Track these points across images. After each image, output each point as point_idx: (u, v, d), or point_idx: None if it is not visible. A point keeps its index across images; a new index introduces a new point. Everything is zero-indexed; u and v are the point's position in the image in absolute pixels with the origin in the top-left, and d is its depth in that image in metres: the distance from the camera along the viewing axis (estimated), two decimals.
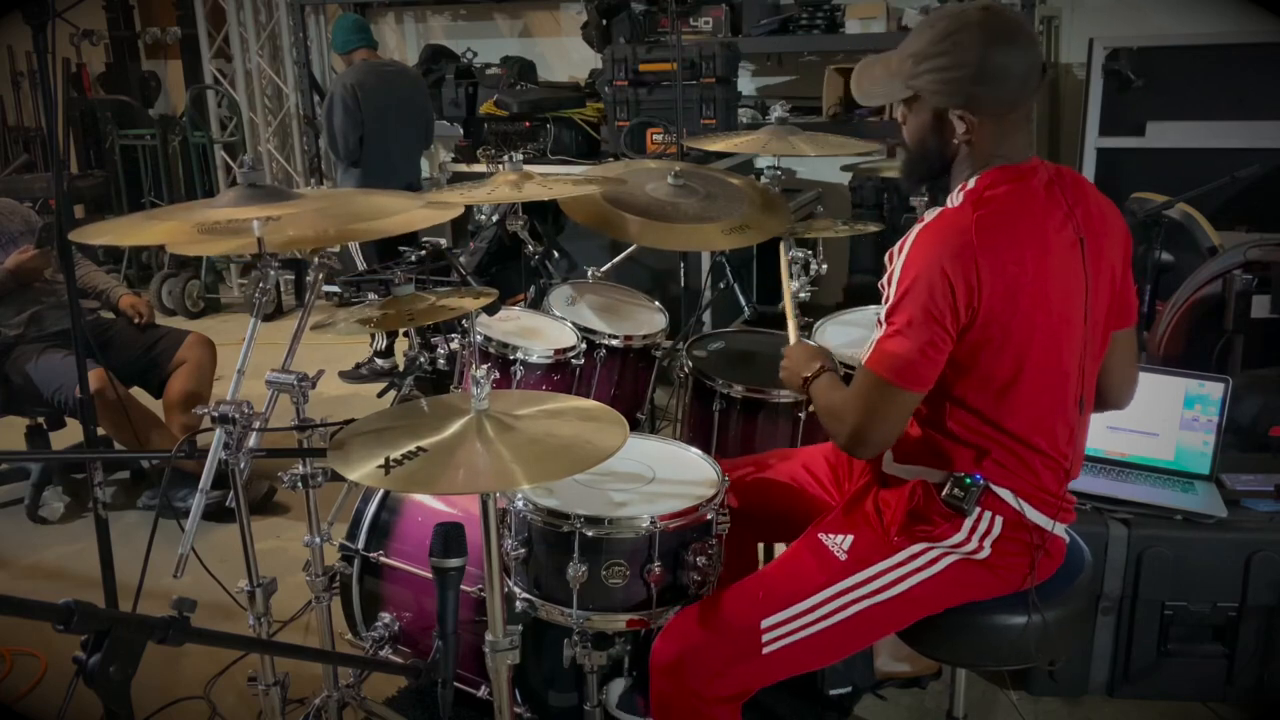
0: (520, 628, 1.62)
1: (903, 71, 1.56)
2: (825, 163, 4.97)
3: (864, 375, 1.53)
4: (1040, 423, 1.57)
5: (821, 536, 1.67)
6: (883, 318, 1.52)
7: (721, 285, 3.87)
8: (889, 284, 1.52)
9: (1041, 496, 1.60)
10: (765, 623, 1.59)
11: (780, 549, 2.19)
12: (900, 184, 4.18)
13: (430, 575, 1.58)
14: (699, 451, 1.98)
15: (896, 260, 1.52)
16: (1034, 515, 1.60)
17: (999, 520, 1.58)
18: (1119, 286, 1.63)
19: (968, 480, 1.57)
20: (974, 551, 1.59)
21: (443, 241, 2.43)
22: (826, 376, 1.71)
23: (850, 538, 1.64)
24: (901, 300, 1.48)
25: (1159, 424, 2.34)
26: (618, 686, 1.98)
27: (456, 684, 1.67)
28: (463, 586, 1.64)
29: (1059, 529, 1.65)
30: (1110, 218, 1.62)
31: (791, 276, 2.41)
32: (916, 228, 1.52)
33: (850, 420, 1.56)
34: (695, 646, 1.60)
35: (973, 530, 1.58)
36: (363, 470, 1.42)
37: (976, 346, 1.50)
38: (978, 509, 1.57)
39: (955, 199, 1.55)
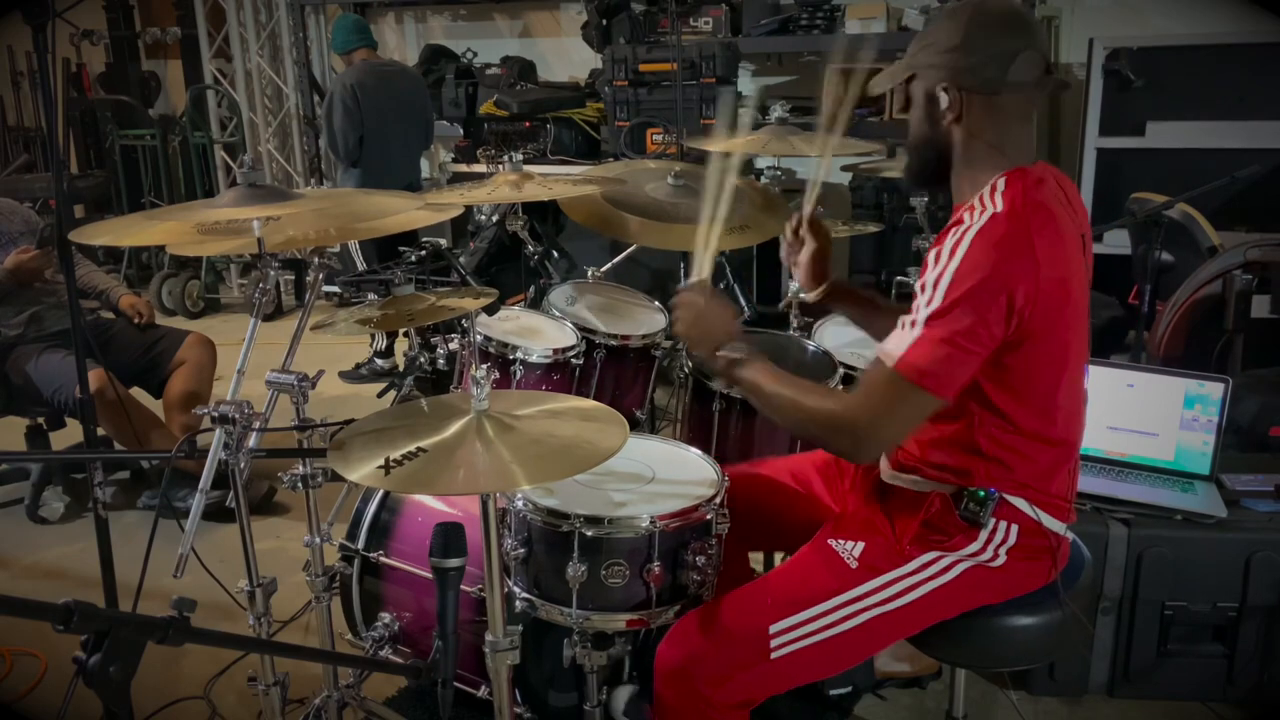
0: (520, 628, 1.62)
1: (908, 54, 1.59)
2: None
3: (890, 376, 1.44)
4: (1071, 424, 1.57)
5: (831, 543, 1.65)
6: (921, 320, 1.42)
7: (721, 285, 3.87)
8: (934, 287, 1.42)
9: (1055, 502, 1.60)
10: (774, 628, 1.57)
11: (779, 558, 2.18)
12: (902, 185, 4.19)
13: (430, 575, 1.58)
14: (699, 451, 1.98)
15: (947, 262, 1.42)
16: (1049, 521, 1.59)
17: (1014, 529, 1.58)
18: None
19: (981, 494, 1.55)
20: (989, 560, 1.59)
21: (443, 241, 2.43)
22: (764, 369, 1.59)
23: (861, 545, 1.62)
24: (955, 306, 1.40)
25: (1159, 424, 2.34)
26: (624, 693, 1.97)
27: (456, 684, 1.67)
28: (463, 586, 1.63)
29: (1064, 530, 1.65)
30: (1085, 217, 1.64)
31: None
32: (970, 232, 1.43)
33: (861, 420, 1.47)
34: (701, 651, 1.60)
35: (989, 540, 1.57)
36: (363, 470, 1.42)
37: (1027, 356, 1.47)
38: (993, 520, 1.56)
39: (994, 202, 1.47)
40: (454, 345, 2.47)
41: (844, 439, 1.51)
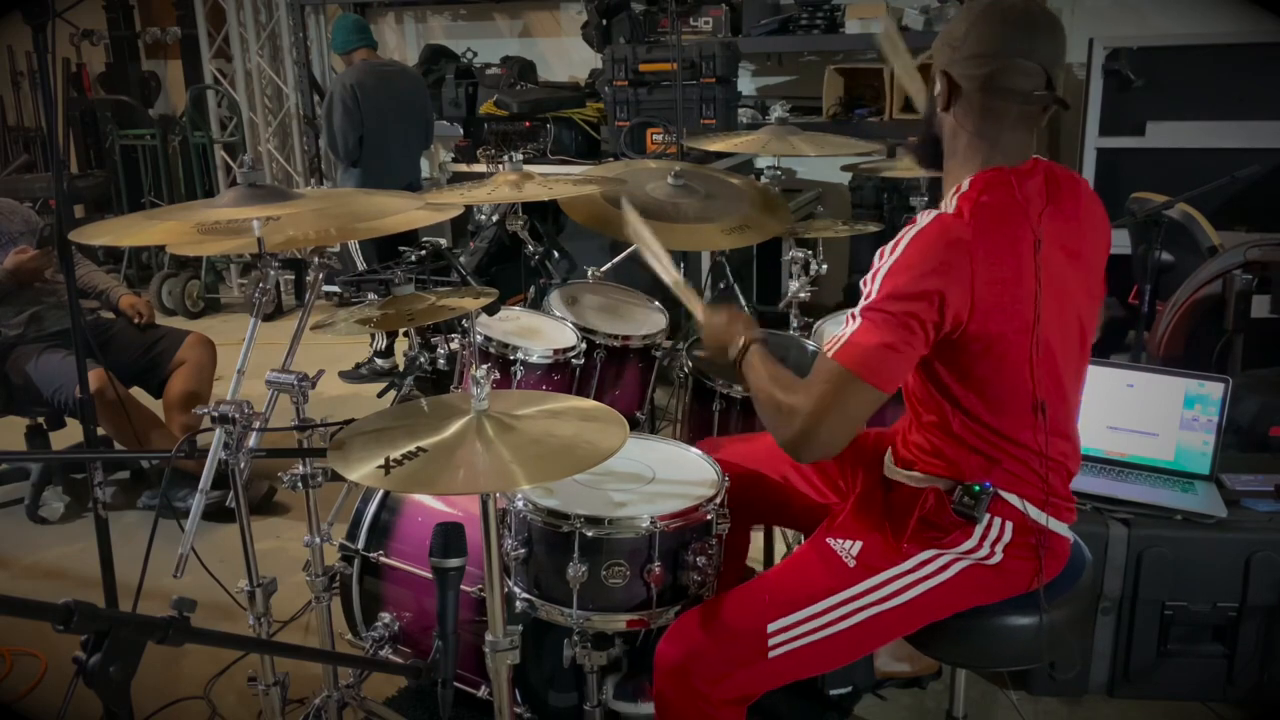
0: (520, 628, 1.62)
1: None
2: (825, 163, 4.96)
3: (828, 366, 1.46)
4: (1053, 427, 1.56)
5: (830, 541, 1.65)
6: (859, 313, 1.46)
7: (721, 285, 3.87)
8: (872, 280, 1.46)
9: (1049, 499, 1.60)
10: (771, 627, 1.58)
11: (779, 545, 2.17)
12: (902, 185, 4.19)
13: (430, 575, 1.58)
14: (699, 452, 1.98)
15: (886, 259, 1.47)
16: (1041, 518, 1.59)
17: (1009, 526, 1.58)
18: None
19: (976, 488, 1.56)
20: (985, 557, 1.59)
21: (443, 241, 2.43)
22: (758, 351, 1.61)
23: (859, 544, 1.62)
24: (885, 300, 1.44)
25: (1159, 424, 2.34)
26: (613, 681, 1.97)
27: (456, 684, 1.67)
28: (463, 586, 1.63)
29: (1063, 529, 1.65)
30: (1096, 211, 1.63)
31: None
32: (912, 231, 1.48)
33: (803, 412, 1.47)
34: (700, 648, 1.60)
35: (984, 536, 1.57)
36: (363, 470, 1.42)
37: (974, 357, 1.49)
38: (988, 515, 1.57)
39: (950, 203, 1.52)
40: (454, 345, 2.47)
41: (788, 428, 1.49)
